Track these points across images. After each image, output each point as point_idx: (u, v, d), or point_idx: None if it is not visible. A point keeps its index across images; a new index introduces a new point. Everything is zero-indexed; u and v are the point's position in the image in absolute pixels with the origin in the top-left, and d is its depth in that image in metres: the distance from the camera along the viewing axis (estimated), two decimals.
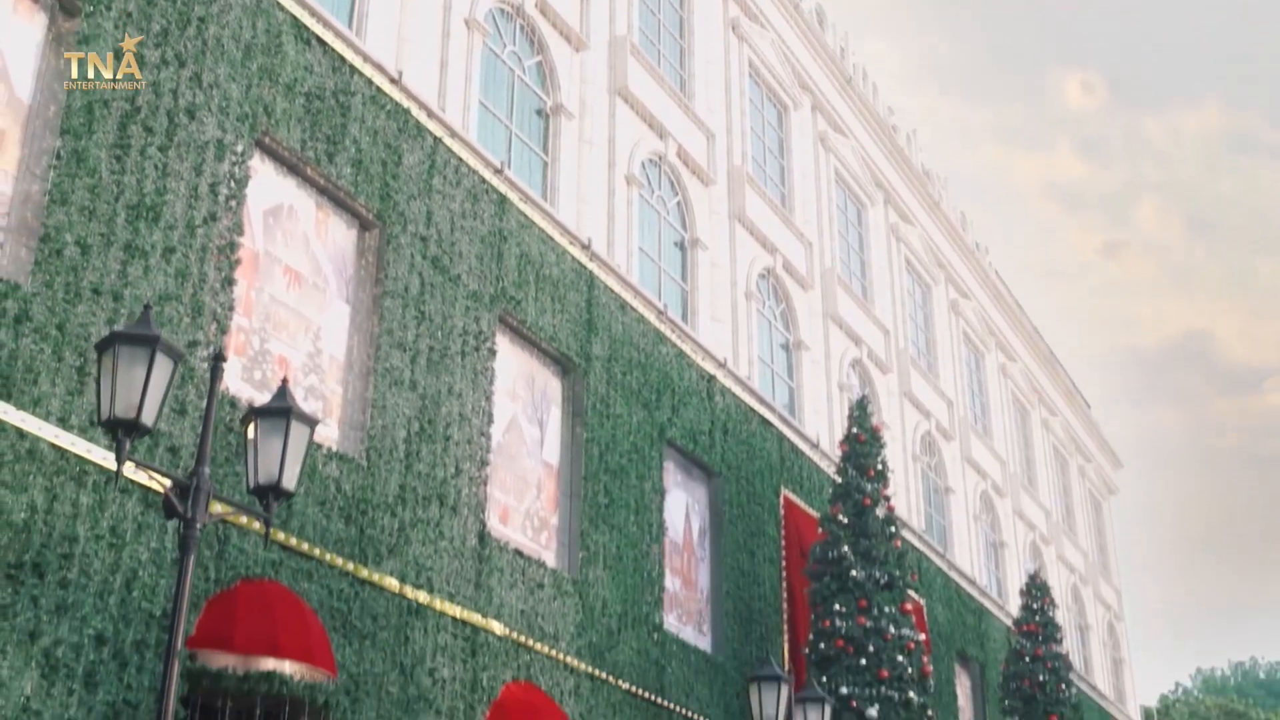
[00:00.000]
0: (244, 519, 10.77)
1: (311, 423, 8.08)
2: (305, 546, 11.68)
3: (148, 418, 7.18)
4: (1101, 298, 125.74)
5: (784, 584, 19.86)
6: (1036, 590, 24.74)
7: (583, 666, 14.96)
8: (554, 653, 14.52)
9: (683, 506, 18.51)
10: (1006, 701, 23.65)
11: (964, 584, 27.41)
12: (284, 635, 10.90)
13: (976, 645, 27.19)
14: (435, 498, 13.38)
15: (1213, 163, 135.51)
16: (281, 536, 11.34)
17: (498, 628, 13.76)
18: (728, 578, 18.73)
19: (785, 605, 19.72)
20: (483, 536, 13.94)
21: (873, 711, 17.06)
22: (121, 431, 7.18)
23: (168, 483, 7.63)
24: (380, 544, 12.58)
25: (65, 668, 9.54)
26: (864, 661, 17.50)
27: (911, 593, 19.53)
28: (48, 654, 9.44)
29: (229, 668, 10.49)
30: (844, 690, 17.18)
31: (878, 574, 18.23)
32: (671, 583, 17.64)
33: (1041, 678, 23.39)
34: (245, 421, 8.16)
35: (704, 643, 18.15)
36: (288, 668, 10.77)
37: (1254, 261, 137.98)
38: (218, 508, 9.27)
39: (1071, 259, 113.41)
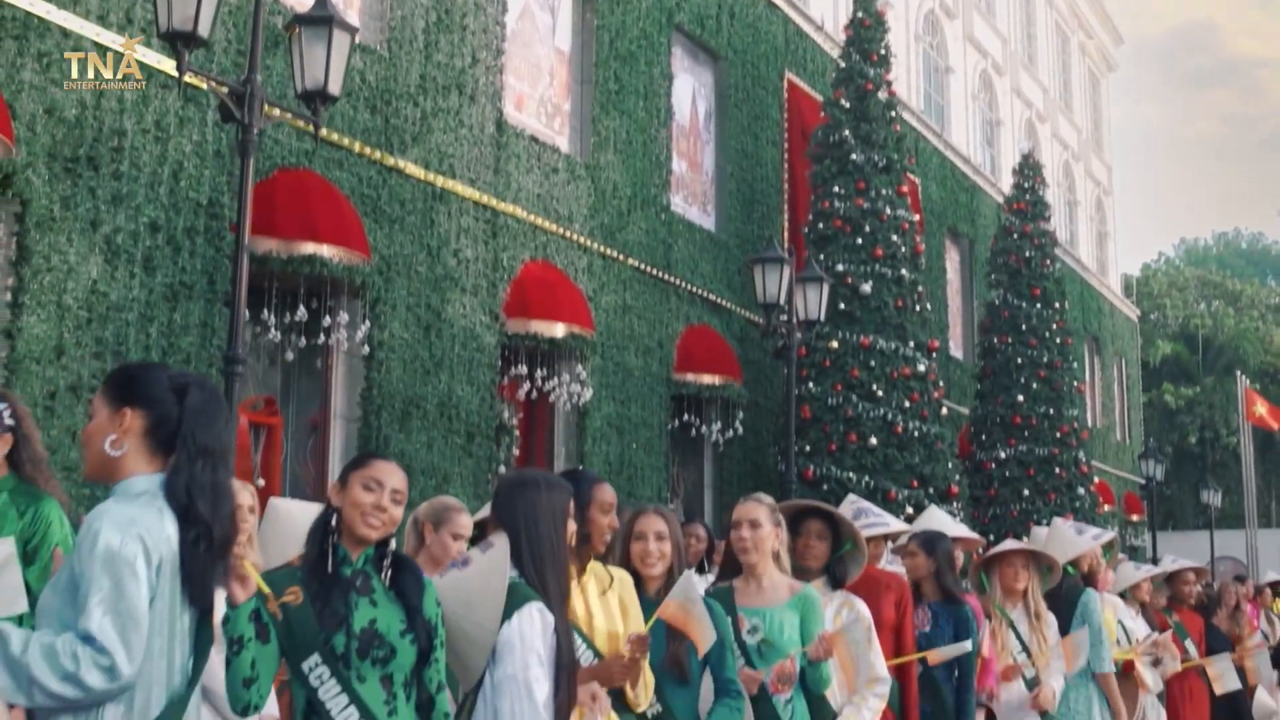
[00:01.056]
0: (277, 112, 11.27)
1: (351, 30, 8.50)
2: (335, 137, 12.23)
3: (203, 30, 7.61)
4: None
5: (785, 166, 20.51)
6: (1029, 170, 25.34)
7: (595, 246, 15.80)
8: (568, 233, 15.33)
9: (689, 91, 18.91)
10: (993, 276, 24.69)
11: (959, 163, 28.06)
12: (322, 221, 11.64)
13: (967, 222, 28.14)
14: (454, 86, 13.83)
15: None
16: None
17: (516, 210, 14.51)
18: (731, 160, 19.36)
19: (786, 186, 20.45)
20: (500, 124, 14.47)
21: (866, 288, 18.07)
22: (180, 43, 7.63)
23: (224, 89, 8.13)
24: (404, 133, 13.14)
25: (125, 253, 10.32)
26: (860, 241, 18.37)
27: (907, 174, 20.19)
28: (108, 241, 10.19)
29: (273, 251, 11.26)
30: (840, 268, 18.12)
31: (876, 157, 18.83)
32: (678, 165, 18.28)
33: (1028, 254, 24.32)
34: (289, 29, 8.57)
35: (708, 222, 18.98)
36: (326, 251, 11.56)
37: None
38: (272, 112, 9.74)
39: None
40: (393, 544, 3.49)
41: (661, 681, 4.26)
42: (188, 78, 7.88)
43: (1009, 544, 6.75)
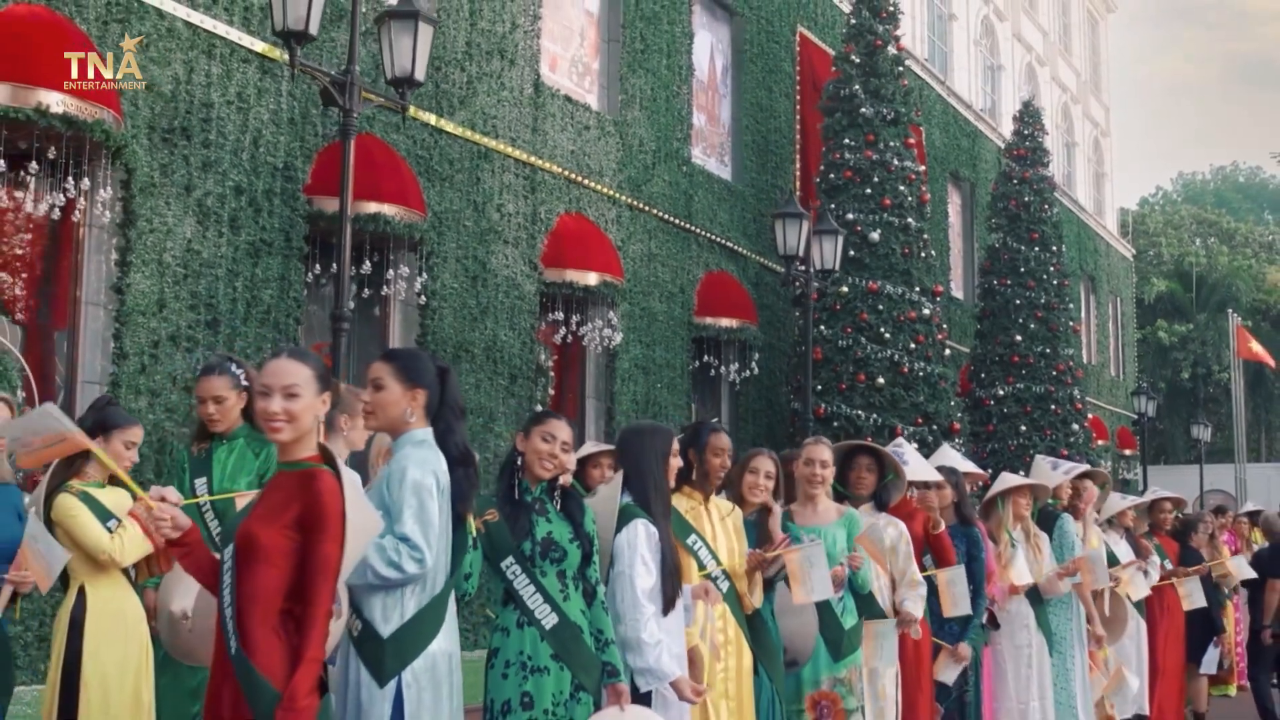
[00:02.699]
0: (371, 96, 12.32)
1: (433, 22, 9.55)
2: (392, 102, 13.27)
3: (313, 29, 8.68)
4: None
5: (798, 118, 21.54)
6: (1029, 117, 26.33)
7: (623, 198, 16.89)
8: (599, 187, 16.41)
9: (708, 47, 19.90)
10: (993, 219, 25.75)
11: (961, 109, 29.04)
12: (384, 182, 12.71)
13: (969, 167, 29.16)
14: (497, 52, 14.85)
15: None
16: (372, 96, 12.89)
17: (552, 167, 15.58)
18: (747, 112, 20.39)
19: (798, 138, 21.49)
20: (537, 85, 15.52)
21: (875, 235, 19.15)
22: (292, 40, 8.72)
23: (326, 78, 9.21)
24: (453, 97, 14.18)
25: (214, 215, 11.43)
26: (869, 191, 19.43)
27: (913, 125, 21.18)
28: (200, 204, 11.30)
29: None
30: (850, 216, 19.18)
31: (885, 111, 19.84)
32: (698, 119, 19.32)
33: (1027, 199, 25.34)
34: (379, 22, 9.63)
35: (725, 172, 20.05)
36: (388, 209, 12.65)
37: None
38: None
39: None
40: (560, 479, 4.67)
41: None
42: (252, 43, 8.89)
43: (1017, 479, 8.00)
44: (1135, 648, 9.26)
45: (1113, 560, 8.74)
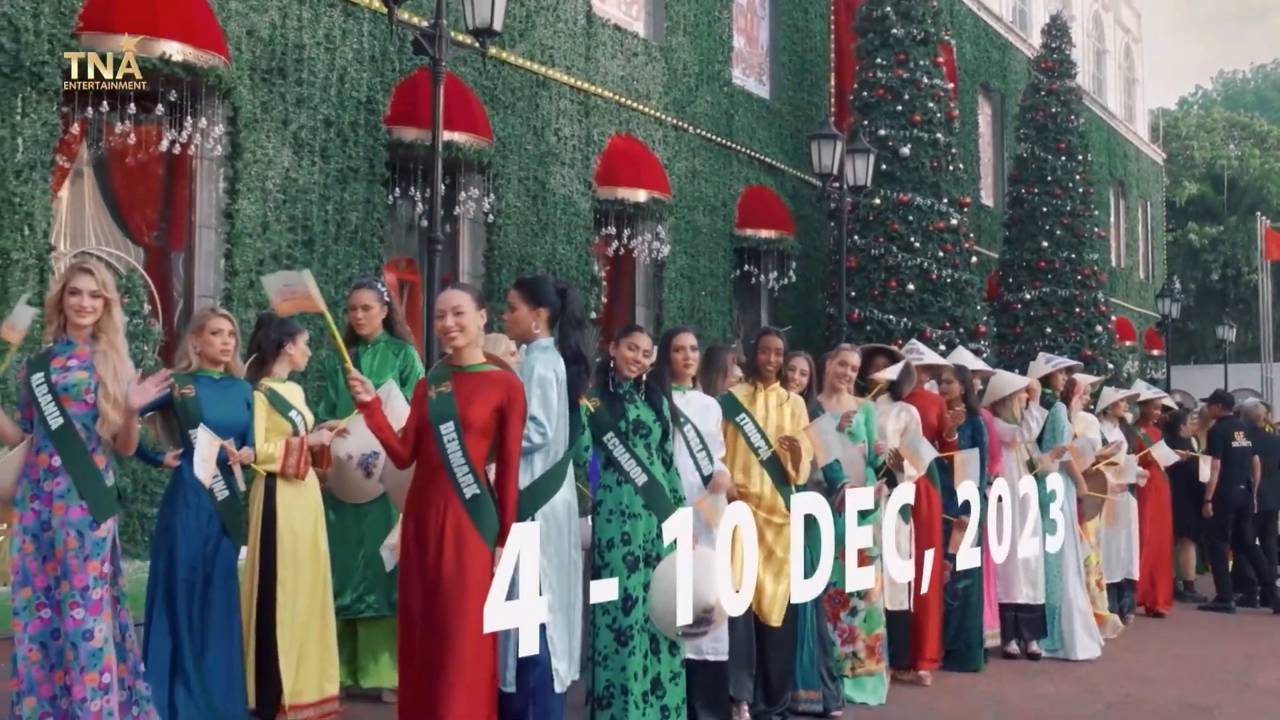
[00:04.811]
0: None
1: None
2: (461, 37, 14.49)
3: None
4: None
5: (832, 38, 22.60)
6: (1056, 30, 27.23)
7: (669, 119, 18.10)
8: (646, 109, 17.63)
9: None
10: (1021, 130, 26.78)
11: (991, 21, 29.88)
12: (456, 113, 13.95)
13: (999, 78, 30.07)
14: None
15: None
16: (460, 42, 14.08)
17: (604, 92, 16.80)
18: (784, 34, 21.48)
19: (833, 57, 22.56)
20: (589, 16, 16.70)
21: (905, 150, 20.30)
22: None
23: (419, 27, 10.49)
24: (514, 30, 15.39)
25: (307, 146, 12.77)
26: (900, 108, 20.55)
27: (942, 43, 22.18)
28: (295, 136, 12.63)
29: (417, 140, 13.64)
30: (882, 132, 20.33)
31: (915, 31, 20.88)
32: (738, 41, 20.44)
33: (1054, 110, 26.34)
34: None
35: (763, 91, 21.18)
36: (459, 137, 13.93)
37: None
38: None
39: None
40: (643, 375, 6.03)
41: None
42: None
43: (1009, 384, 9.28)
44: (1125, 523, 10.63)
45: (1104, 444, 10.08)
